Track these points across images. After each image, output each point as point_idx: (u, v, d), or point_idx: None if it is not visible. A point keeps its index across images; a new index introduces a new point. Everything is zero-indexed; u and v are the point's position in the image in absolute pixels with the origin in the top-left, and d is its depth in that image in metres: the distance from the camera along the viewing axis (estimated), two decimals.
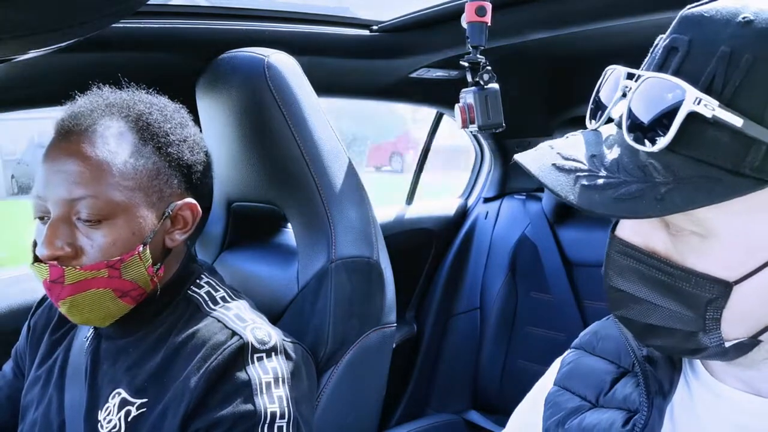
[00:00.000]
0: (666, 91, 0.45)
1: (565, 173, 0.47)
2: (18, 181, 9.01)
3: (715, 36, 0.45)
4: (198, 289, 0.91)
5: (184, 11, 1.24)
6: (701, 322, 0.49)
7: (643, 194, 0.44)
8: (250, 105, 1.06)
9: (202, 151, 0.92)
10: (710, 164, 0.44)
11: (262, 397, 0.80)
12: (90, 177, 0.79)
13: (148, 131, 0.85)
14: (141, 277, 0.84)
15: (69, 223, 0.80)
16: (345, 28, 1.43)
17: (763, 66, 0.43)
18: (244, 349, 0.82)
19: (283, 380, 0.83)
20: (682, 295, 0.48)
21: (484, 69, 1.11)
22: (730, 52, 0.44)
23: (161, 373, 0.83)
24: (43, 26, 0.67)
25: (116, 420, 0.83)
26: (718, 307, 0.48)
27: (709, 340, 0.49)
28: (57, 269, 0.79)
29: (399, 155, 10.29)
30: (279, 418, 0.80)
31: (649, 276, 0.49)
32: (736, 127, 0.42)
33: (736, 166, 0.43)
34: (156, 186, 0.84)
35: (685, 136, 0.44)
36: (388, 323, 1.09)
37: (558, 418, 0.65)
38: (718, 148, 0.44)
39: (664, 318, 0.50)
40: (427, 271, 1.98)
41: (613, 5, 1.18)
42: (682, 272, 0.48)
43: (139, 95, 0.90)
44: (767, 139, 0.42)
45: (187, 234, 0.90)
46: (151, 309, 0.89)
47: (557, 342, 1.73)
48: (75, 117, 0.83)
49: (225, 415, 0.78)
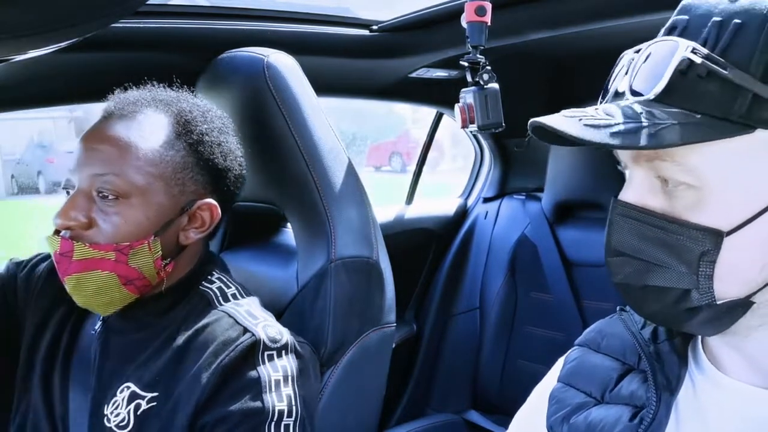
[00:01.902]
0: (664, 49, 0.51)
1: (570, 119, 0.52)
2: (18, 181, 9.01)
3: (709, 12, 0.51)
4: (210, 285, 0.92)
5: (184, 11, 1.24)
6: (694, 279, 0.51)
7: (638, 131, 0.48)
8: (250, 105, 1.06)
9: (236, 159, 0.94)
10: (702, 114, 0.49)
11: (271, 395, 0.81)
12: (116, 156, 0.83)
13: (184, 127, 0.88)
14: (147, 267, 0.85)
15: (89, 198, 0.83)
16: (345, 28, 1.43)
17: (749, 30, 0.49)
18: (255, 346, 0.83)
19: (292, 378, 0.84)
20: (676, 249, 0.51)
21: (484, 69, 1.11)
22: (720, 20, 0.50)
23: (173, 368, 0.84)
24: (43, 26, 0.67)
25: (125, 413, 0.83)
26: (710, 261, 0.50)
27: (701, 298, 0.51)
28: (67, 243, 0.81)
29: (399, 155, 10.28)
30: (286, 416, 0.81)
31: (648, 234, 0.52)
32: (723, 73, 0.47)
33: (725, 113, 0.48)
34: (179, 179, 0.86)
35: (679, 90, 0.49)
36: (388, 323, 1.09)
37: (563, 413, 0.65)
38: (708, 98, 0.48)
39: (660, 277, 0.53)
40: (426, 271, 1.98)
41: (613, 5, 1.18)
42: (676, 225, 0.51)
43: (185, 95, 0.93)
44: (752, 87, 0.47)
45: (203, 234, 0.90)
46: (163, 304, 0.89)
47: (557, 342, 1.73)
48: (120, 103, 0.88)
49: (233, 410, 0.79)
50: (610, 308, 0.72)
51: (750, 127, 0.48)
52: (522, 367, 1.82)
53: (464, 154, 2.26)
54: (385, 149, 10.62)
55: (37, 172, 8.68)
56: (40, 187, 8.57)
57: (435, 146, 2.05)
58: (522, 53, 1.61)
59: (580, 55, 1.67)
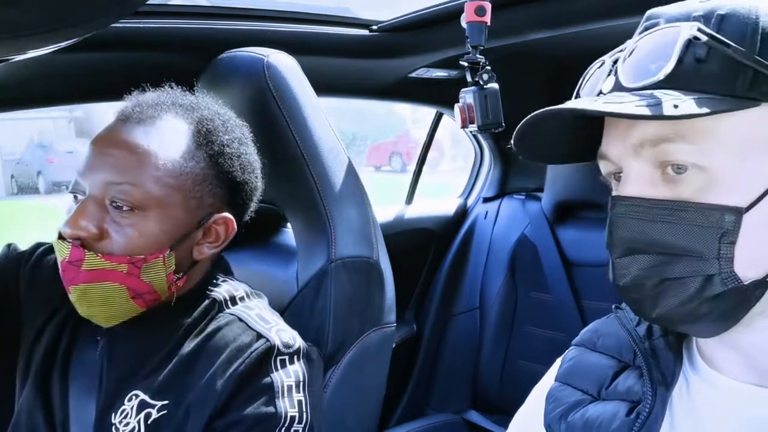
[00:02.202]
0: (664, 35, 0.52)
1: (588, 98, 0.52)
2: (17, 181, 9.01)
3: (685, 13, 0.52)
4: (217, 288, 0.90)
5: (184, 11, 1.24)
6: (716, 263, 0.49)
7: (660, 103, 0.47)
8: (250, 105, 1.06)
9: (254, 172, 0.91)
10: (709, 93, 0.49)
11: (283, 400, 0.80)
12: (134, 165, 0.78)
13: (205, 137, 0.84)
14: (159, 281, 0.81)
15: (101, 206, 0.78)
16: (344, 28, 1.43)
17: (735, 17, 0.50)
18: (270, 352, 0.82)
19: (303, 384, 0.83)
20: (694, 234, 0.50)
21: (484, 69, 1.11)
22: (702, 15, 0.51)
23: (183, 375, 0.82)
24: (43, 26, 0.67)
25: (134, 423, 0.81)
26: (731, 242, 0.49)
27: (726, 282, 0.50)
28: (78, 251, 0.77)
29: (399, 155, 10.28)
30: (297, 422, 0.80)
31: (657, 224, 0.51)
32: (727, 51, 0.48)
33: (730, 90, 0.49)
34: (198, 192, 0.82)
35: (684, 75, 0.49)
36: (388, 323, 1.09)
37: (560, 411, 0.65)
38: (712, 79, 0.49)
39: (679, 267, 0.51)
40: (426, 271, 1.98)
41: (613, 5, 1.18)
42: (692, 209, 0.50)
43: (206, 101, 0.89)
44: (752, 63, 0.48)
45: (217, 249, 0.88)
46: (171, 311, 0.86)
47: (557, 342, 1.73)
48: (138, 106, 0.83)
49: (246, 415, 0.78)
50: (609, 308, 0.72)
51: (756, 101, 0.49)
52: (522, 367, 1.82)
53: (464, 154, 2.26)
54: (385, 149, 10.63)
55: (37, 172, 8.69)
56: (40, 187, 8.58)
57: (435, 146, 2.05)
58: (522, 53, 1.61)
59: (580, 55, 1.66)
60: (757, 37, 0.49)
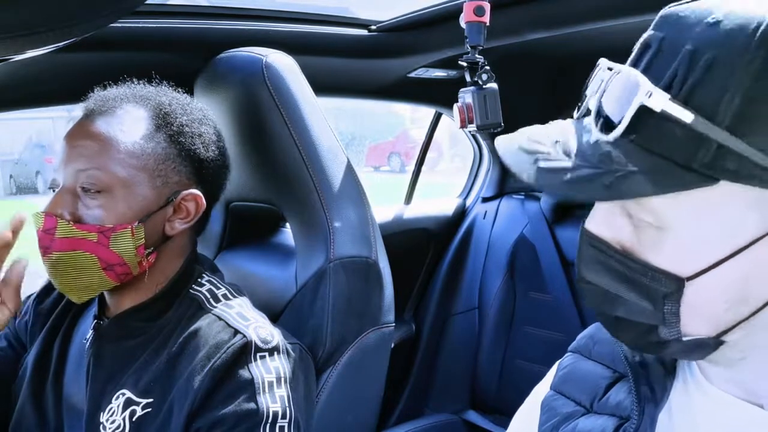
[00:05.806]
0: (627, 85, 0.47)
1: (528, 154, 0.50)
2: (16, 180, 9.01)
3: (684, 34, 0.46)
4: (199, 288, 0.92)
5: (183, 11, 1.24)
6: (660, 316, 0.50)
7: (593, 179, 0.46)
8: (249, 105, 1.06)
9: (217, 149, 0.94)
10: (664, 157, 0.45)
11: (265, 397, 0.80)
12: (99, 151, 0.84)
13: (164, 119, 0.89)
14: (129, 253, 0.84)
15: (74, 194, 0.84)
16: (343, 28, 1.43)
17: (720, 67, 0.44)
18: (247, 347, 0.83)
19: (285, 380, 0.84)
20: (641, 288, 0.50)
21: (483, 69, 1.11)
22: (692, 50, 0.45)
23: (166, 373, 0.83)
24: (42, 26, 0.67)
25: (120, 420, 0.83)
26: (674, 300, 0.49)
27: (669, 334, 0.50)
28: (51, 219, 0.82)
29: (397, 155, 10.28)
30: (281, 417, 0.80)
31: (612, 268, 0.51)
32: (685, 122, 0.44)
33: (686, 161, 0.45)
34: (162, 171, 0.87)
35: (645, 128, 0.46)
36: (387, 323, 1.09)
37: (553, 423, 0.65)
38: (672, 142, 0.45)
39: (628, 311, 0.51)
40: (425, 271, 1.98)
41: (613, 5, 1.18)
42: (639, 266, 0.49)
43: (165, 90, 0.95)
44: (717, 137, 0.43)
45: (188, 224, 0.91)
46: (154, 309, 0.89)
47: (556, 342, 1.73)
48: (100, 100, 0.89)
49: (227, 413, 0.78)
50: None
51: (713, 179, 0.44)
52: (520, 367, 1.82)
53: (463, 154, 2.26)
54: (383, 149, 10.62)
55: (36, 171, 8.68)
56: (39, 187, 8.57)
57: (434, 146, 2.05)
58: (521, 53, 1.61)
59: (579, 55, 1.66)
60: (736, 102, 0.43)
